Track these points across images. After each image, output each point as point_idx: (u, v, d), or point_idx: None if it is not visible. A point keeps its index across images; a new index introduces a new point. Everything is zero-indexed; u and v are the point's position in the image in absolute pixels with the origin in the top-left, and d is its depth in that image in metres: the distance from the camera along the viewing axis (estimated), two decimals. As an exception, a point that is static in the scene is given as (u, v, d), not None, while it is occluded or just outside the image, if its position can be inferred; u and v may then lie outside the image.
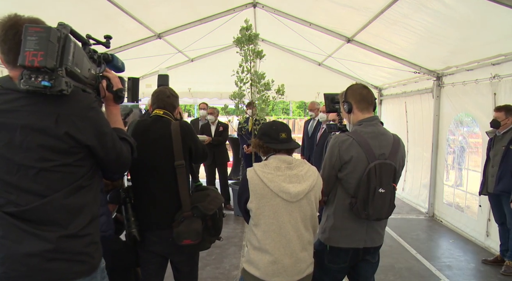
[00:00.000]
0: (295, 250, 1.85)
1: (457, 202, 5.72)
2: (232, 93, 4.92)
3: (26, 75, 1.18)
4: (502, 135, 3.93)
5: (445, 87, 5.72)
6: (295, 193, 1.82)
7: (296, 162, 1.91)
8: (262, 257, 1.85)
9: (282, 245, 1.83)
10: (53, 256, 1.29)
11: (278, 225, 1.83)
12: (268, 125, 2.02)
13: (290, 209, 1.84)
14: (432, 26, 4.32)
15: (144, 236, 2.19)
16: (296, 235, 1.85)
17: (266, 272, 1.83)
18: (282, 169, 1.87)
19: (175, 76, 7.13)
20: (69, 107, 1.29)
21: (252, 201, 1.85)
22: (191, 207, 2.14)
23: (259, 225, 1.86)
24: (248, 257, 1.92)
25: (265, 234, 1.85)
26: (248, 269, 1.90)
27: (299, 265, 1.87)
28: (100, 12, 4.58)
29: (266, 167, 1.87)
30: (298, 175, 1.87)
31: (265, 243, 1.84)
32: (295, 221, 1.85)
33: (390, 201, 2.03)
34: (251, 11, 6.02)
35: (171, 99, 2.32)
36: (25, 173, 1.27)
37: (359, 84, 2.26)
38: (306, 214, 1.88)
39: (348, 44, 5.92)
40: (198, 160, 2.39)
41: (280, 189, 1.82)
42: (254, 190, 1.85)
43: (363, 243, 2.11)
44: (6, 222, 1.27)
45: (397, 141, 2.10)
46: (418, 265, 4.17)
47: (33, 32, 1.17)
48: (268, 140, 1.95)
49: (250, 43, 4.77)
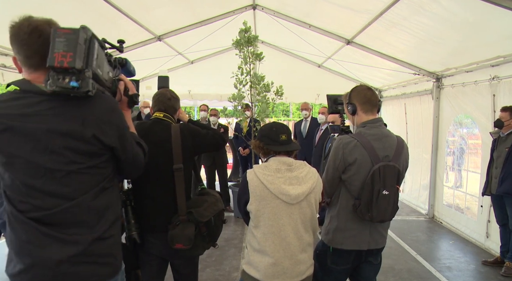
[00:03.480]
0: (295, 252, 1.85)
1: (457, 204, 5.73)
2: (232, 95, 4.92)
3: (53, 76, 1.19)
4: (506, 136, 3.93)
5: (444, 89, 5.74)
6: (295, 195, 1.82)
7: (296, 164, 1.91)
8: (262, 259, 1.85)
9: (282, 247, 1.83)
10: (80, 260, 1.29)
11: (278, 227, 1.83)
12: (269, 127, 2.01)
13: (290, 211, 1.84)
14: (431, 28, 4.33)
15: (144, 239, 2.19)
16: (296, 237, 1.85)
17: (266, 274, 1.83)
18: (282, 171, 1.86)
19: (175, 78, 7.13)
20: (94, 109, 1.30)
21: (252, 203, 1.85)
22: (187, 212, 2.14)
23: (259, 227, 1.86)
24: (248, 258, 1.92)
25: (265, 236, 1.84)
26: (248, 271, 1.90)
27: (299, 267, 1.86)
28: (99, 15, 4.59)
29: (266, 169, 1.87)
30: (298, 177, 1.86)
31: (265, 245, 1.84)
32: (295, 223, 1.84)
33: (394, 203, 2.03)
34: (251, 13, 6.03)
35: (172, 101, 2.31)
36: (52, 177, 1.26)
37: (364, 86, 2.25)
38: (306, 216, 1.88)
39: (347, 46, 5.93)
40: (212, 147, 2.34)
41: (280, 191, 1.81)
42: (254, 192, 1.84)
43: (366, 245, 2.11)
44: (31, 228, 1.26)
45: (401, 143, 2.10)
46: (418, 266, 4.17)
47: (62, 33, 1.19)
48: (268, 142, 1.94)
49: (249, 45, 4.78)
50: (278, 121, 2.25)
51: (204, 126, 2.37)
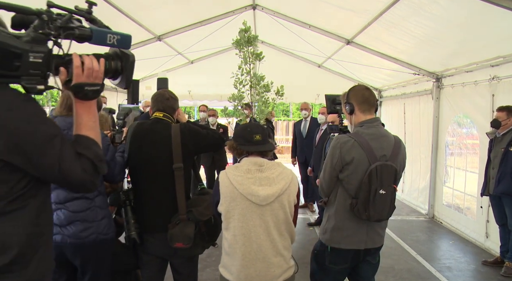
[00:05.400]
0: (267, 255, 1.79)
1: (456, 204, 5.73)
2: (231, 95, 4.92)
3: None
4: (502, 137, 3.93)
5: (444, 89, 5.74)
6: (264, 196, 1.76)
7: (268, 165, 1.85)
8: (233, 261, 1.82)
9: (253, 249, 1.79)
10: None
11: (248, 228, 1.78)
12: (243, 127, 1.97)
13: (260, 212, 1.78)
14: (430, 29, 4.33)
15: (144, 239, 2.20)
16: (268, 240, 1.80)
17: (239, 276, 1.80)
18: (253, 172, 1.81)
19: (175, 78, 7.14)
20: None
21: (222, 204, 1.81)
22: (187, 211, 2.14)
23: (229, 228, 1.82)
24: (222, 261, 1.90)
25: (235, 238, 1.80)
26: (223, 274, 1.87)
27: (273, 271, 1.81)
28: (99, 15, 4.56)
29: (237, 170, 1.83)
30: (269, 177, 1.81)
31: (235, 247, 1.80)
32: (266, 225, 1.79)
33: (391, 202, 2.04)
34: (251, 13, 6.03)
35: (171, 101, 2.32)
36: None
37: (362, 86, 2.27)
38: (279, 218, 1.81)
39: (347, 46, 5.93)
40: (212, 146, 2.36)
41: (249, 192, 1.76)
42: (224, 192, 1.80)
43: (363, 244, 2.11)
44: None
45: (398, 143, 2.11)
46: (418, 266, 4.17)
47: None
48: (241, 142, 1.90)
49: (249, 45, 4.78)
50: (254, 122, 2.22)
51: (203, 127, 2.38)
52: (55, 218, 2.02)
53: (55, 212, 2.03)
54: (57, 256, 2.08)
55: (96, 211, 2.07)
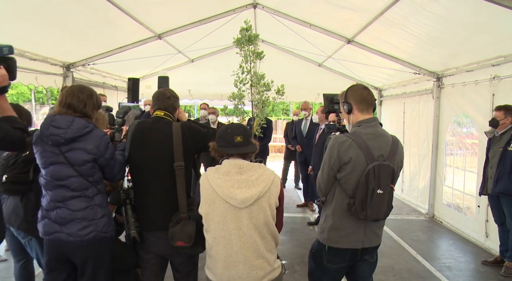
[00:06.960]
0: (249, 257, 1.78)
1: (456, 203, 5.73)
2: (231, 94, 4.92)
3: None
4: (500, 136, 3.93)
5: (445, 88, 5.73)
6: (242, 199, 1.74)
7: (247, 167, 1.82)
8: (215, 263, 1.82)
9: (233, 251, 1.78)
10: None
11: (228, 231, 1.77)
12: (224, 128, 1.92)
13: (240, 215, 1.76)
14: (431, 28, 4.33)
15: (144, 237, 2.20)
16: (249, 242, 1.78)
17: (222, 278, 1.80)
18: (232, 174, 1.79)
19: (175, 77, 7.13)
20: None
21: (202, 206, 1.80)
22: (188, 209, 2.14)
23: (209, 231, 1.82)
24: (206, 262, 1.91)
25: (216, 240, 1.80)
26: (208, 276, 1.88)
27: (255, 272, 1.80)
28: (100, 13, 4.58)
29: (217, 172, 1.82)
30: (248, 180, 1.78)
31: (216, 249, 1.80)
32: (246, 228, 1.77)
33: (388, 202, 2.04)
34: (251, 12, 6.02)
35: (172, 100, 2.32)
36: None
37: (360, 85, 2.26)
38: (259, 221, 1.79)
39: (348, 45, 5.92)
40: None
41: (228, 194, 1.75)
42: (204, 195, 1.79)
43: (361, 243, 2.12)
44: None
45: (395, 143, 2.10)
46: (418, 266, 4.17)
47: None
48: (222, 144, 1.87)
49: (250, 43, 4.77)
50: (236, 123, 2.17)
51: (203, 126, 2.38)
52: (55, 217, 2.02)
53: (55, 211, 2.03)
54: (57, 254, 2.09)
55: (95, 209, 2.07)
